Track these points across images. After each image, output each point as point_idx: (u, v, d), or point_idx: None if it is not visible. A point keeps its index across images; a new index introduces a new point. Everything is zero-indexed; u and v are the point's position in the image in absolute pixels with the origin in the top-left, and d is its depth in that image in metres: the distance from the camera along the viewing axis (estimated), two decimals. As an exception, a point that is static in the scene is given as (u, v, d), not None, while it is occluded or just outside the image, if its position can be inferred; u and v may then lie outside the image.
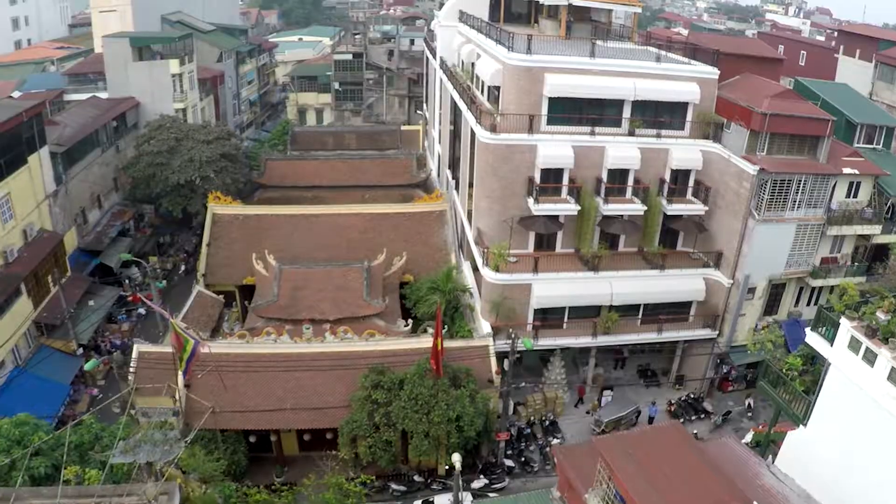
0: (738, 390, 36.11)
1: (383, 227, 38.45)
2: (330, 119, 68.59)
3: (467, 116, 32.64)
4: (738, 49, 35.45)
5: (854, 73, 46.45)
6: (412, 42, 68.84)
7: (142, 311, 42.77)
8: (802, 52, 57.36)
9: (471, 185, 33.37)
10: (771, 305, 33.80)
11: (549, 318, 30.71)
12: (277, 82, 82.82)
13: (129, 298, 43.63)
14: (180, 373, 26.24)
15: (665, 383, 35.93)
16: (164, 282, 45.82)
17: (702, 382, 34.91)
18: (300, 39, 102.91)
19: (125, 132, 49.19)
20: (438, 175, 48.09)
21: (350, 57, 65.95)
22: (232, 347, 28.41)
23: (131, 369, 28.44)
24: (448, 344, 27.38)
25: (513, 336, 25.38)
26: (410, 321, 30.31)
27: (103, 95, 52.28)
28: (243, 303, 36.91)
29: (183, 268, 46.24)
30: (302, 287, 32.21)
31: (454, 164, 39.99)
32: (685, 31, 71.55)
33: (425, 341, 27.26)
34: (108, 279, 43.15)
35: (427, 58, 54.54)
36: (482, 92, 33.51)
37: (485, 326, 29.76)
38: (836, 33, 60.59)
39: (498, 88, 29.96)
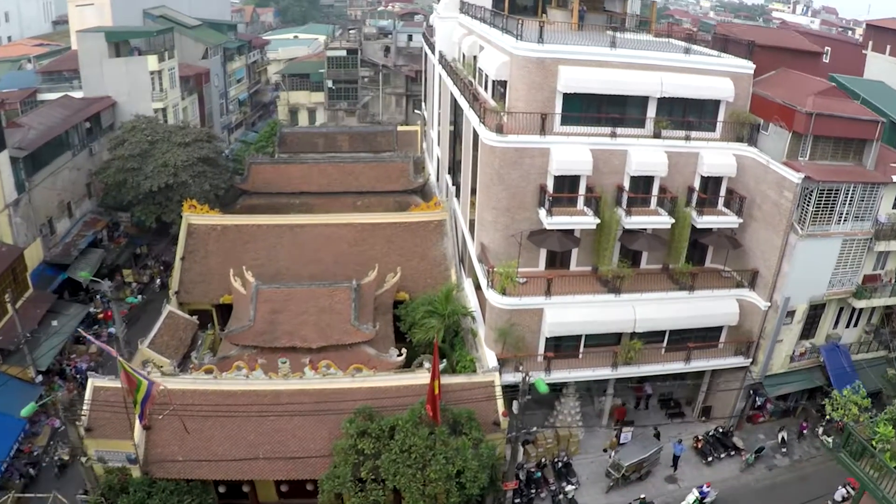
0: (770, 421, 32.45)
1: (376, 239, 34.71)
2: (323, 119, 64.86)
3: (469, 116, 28.89)
4: (774, 41, 31.62)
5: (884, 70, 42.67)
6: (410, 38, 65.08)
7: (112, 329, 39.06)
8: (827, 48, 53.58)
9: (473, 193, 29.60)
10: (808, 329, 30.07)
11: (562, 347, 26.93)
12: (269, 81, 79.07)
13: (101, 316, 40.01)
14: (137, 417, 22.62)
15: (690, 415, 32.17)
16: (140, 297, 42.40)
17: (731, 415, 31.15)
18: (295, 37, 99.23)
19: (100, 134, 45.52)
20: (438, 180, 44.31)
21: (344, 53, 62.19)
22: (198, 384, 24.67)
23: (84, 409, 24.76)
24: (447, 380, 23.62)
25: (523, 375, 21.54)
26: (404, 350, 26.50)
27: (78, 94, 48.71)
28: (221, 324, 33.23)
29: (158, 281, 42.44)
30: (282, 310, 28.43)
31: (455, 169, 36.24)
32: (694, 29, 67.75)
33: (421, 377, 23.50)
34: (82, 295, 39.71)
35: (426, 54, 50.80)
36: (486, 88, 29.74)
37: (489, 357, 25.96)
38: (842, 31, 56.71)
39: (504, 84, 26.22)
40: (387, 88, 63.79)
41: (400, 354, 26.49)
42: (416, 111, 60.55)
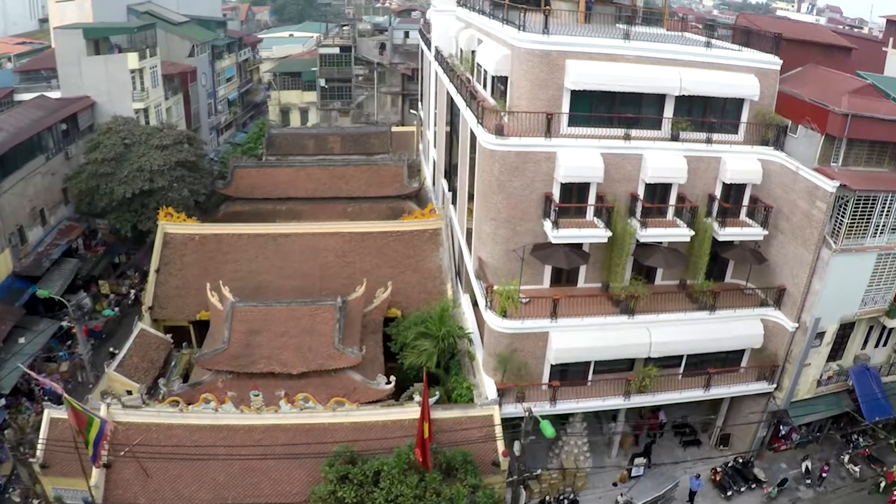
0: (792, 448, 29.82)
1: (365, 250, 32.05)
2: (315, 119, 62.19)
3: (466, 115, 26.22)
4: (800, 34, 28.91)
5: (906, 67, 40.08)
6: (407, 35, 62.36)
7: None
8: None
9: (471, 198, 26.91)
10: (836, 350, 27.45)
11: (569, 374, 24.25)
12: (262, 80, 76.42)
13: (74, 330, 37.34)
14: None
15: (706, 443, 29.51)
16: (116, 309, 39.83)
17: (752, 443, 28.50)
18: (291, 35, 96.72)
19: (77, 136, 42.77)
20: (434, 184, 41.68)
21: (337, 51, 59.45)
22: (161, 417, 22.01)
23: (39, 444, 22.14)
24: (440, 415, 21.00)
25: (526, 415, 18.85)
26: (393, 378, 23.81)
27: (56, 94, 46.12)
28: (199, 342, 30.62)
29: (133, 294, 39.79)
30: (259, 331, 25.77)
31: (451, 173, 33.59)
32: (713, 19, 65.15)
33: (410, 412, 20.87)
34: (59, 309, 37.15)
35: (422, 50, 48.19)
36: (484, 85, 27.09)
37: (488, 385, 23.27)
38: (849, 29, 53.96)
39: (505, 80, 23.56)
40: (382, 87, 61.08)
41: (388, 382, 23.81)
42: (411, 111, 57.88)
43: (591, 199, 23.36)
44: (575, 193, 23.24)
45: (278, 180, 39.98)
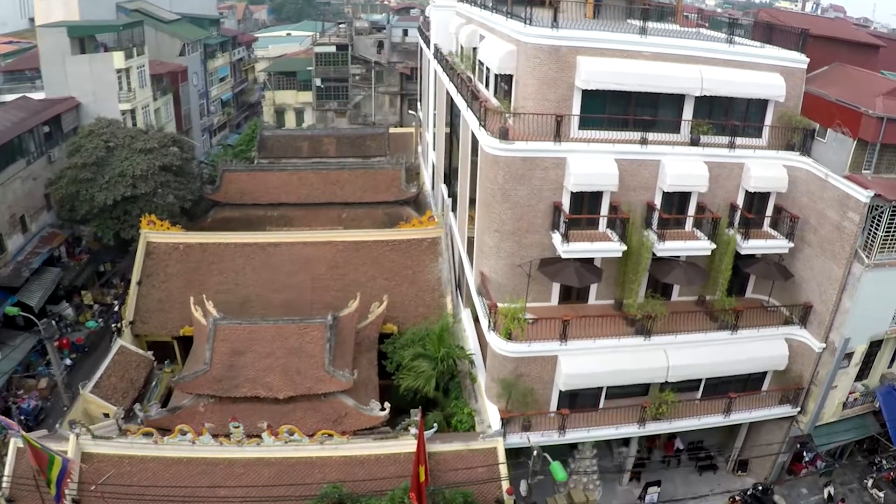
0: (814, 473, 27.93)
1: (360, 260, 30.14)
2: (311, 120, 60.27)
3: (467, 117, 24.27)
4: (826, 30, 26.94)
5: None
6: (406, 33, 60.36)
7: (68, 360, 34.64)
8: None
9: (472, 203, 24.95)
10: (862, 369, 25.52)
11: (579, 400, 22.30)
12: (257, 80, 74.45)
13: (56, 344, 35.44)
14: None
15: (723, 468, 27.57)
16: (100, 321, 37.96)
17: (771, 468, 26.59)
18: (288, 34, 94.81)
19: (61, 139, 40.87)
20: (433, 188, 39.74)
21: (333, 49, 57.49)
22: (135, 449, 20.14)
23: (6, 474, 20.23)
24: (439, 448, 19.09)
25: (535, 452, 16.89)
26: (387, 405, 21.85)
27: (39, 95, 44.24)
28: (184, 359, 28.73)
29: (118, 305, 37.84)
30: (244, 351, 23.82)
31: (451, 178, 31.65)
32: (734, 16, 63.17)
33: (405, 444, 18.97)
34: (45, 320, 35.31)
35: (421, 49, 46.25)
36: (487, 84, 25.16)
37: (491, 413, 21.32)
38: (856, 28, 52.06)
39: (510, 79, 21.60)
40: (380, 87, 59.09)
41: (383, 409, 21.87)
42: (410, 111, 55.94)
43: (605, 209, 21.39)
44: (586, 203, 21.27)
45: (269, 185, 38.02)
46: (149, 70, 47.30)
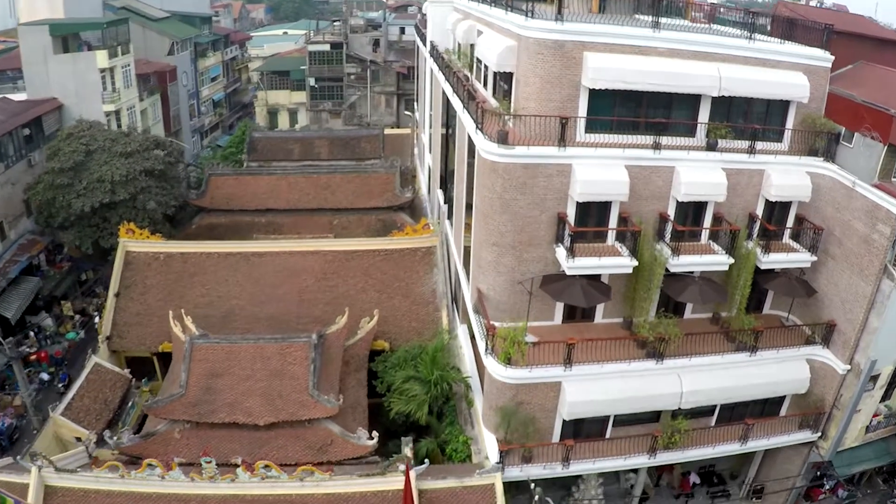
0: (830, 496, 26.20)
1: (349, 271, 28.39)
2: (305, 121, 58.46)
3: (463, 119, 22.45)
4: (850, 26, 25.11)
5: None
6: (403, 31, 58.55)
7: (45, 375, 32.90)
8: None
9: (469, 209, 23.12)
10: (887, 390, 23.70)
11: (584, 429, 20.47)
12: (251, 79, 72.62)
13: (33, 357, 33.74)
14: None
15: (736, 493, 25.81)
16: (81, 332, 36.21)
17: (789, 495, 24.80)
18: (285, 33, 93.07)
19: (42, 141, 39.11)
20: (430, 192, 37.92)
21: (328, 48, 55.62)
22: (101, 483, 18.37)
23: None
24: (432, 484, 17.32)
25: (535, 500, 15.07)
26: (376, 434, 20.05)
27: (21, 96, 42.52)
28: (163, 377, 27.01)
29: (98, 316, 36.03)
30: (222, 372, 22.04)
31: (447, 183, 29.84)
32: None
33: (393, 481, 17.14)
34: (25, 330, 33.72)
35: (418, 47, 44.46)
36: (485, 83, 23.36)
37: (489, 442, 19.50)
38: None
39: (509, 77, 19.78)
40: (376, 87, 57.28)
41: (371, 438, 20.07)
42: (406, 112, 54.14)
43: (614, 220, 19.55)
44: (594, 214, 19.41)
45: (257, 190, 36.24)
46: (134, 69, 45.51)
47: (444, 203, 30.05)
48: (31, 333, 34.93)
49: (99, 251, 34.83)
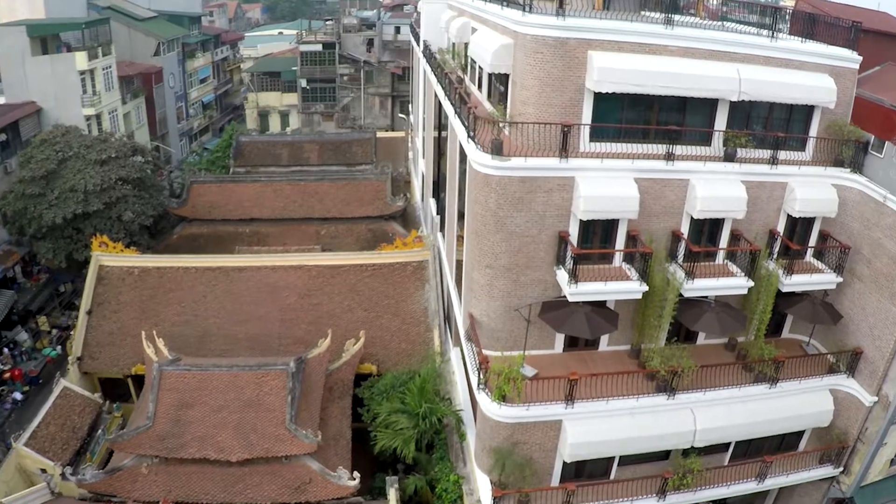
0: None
1: (335, 288, 26.53)
2: (297, 124, 56.56)
3: (454, 125, 20.54)
4: (877, 24, 23.13)
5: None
6: (398, 30, 56.60)
7: (18, 395, 31.10)
8: None
9: (461, 221, 21.24)
10: (907, 417, 21.77)
11: (587, 469, 18.54)
12: (243, 80, 70.72)
13: (7, 375, 31.90)
14: None
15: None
16: (59, 348, 34.38)
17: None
18: (280, 33, 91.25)
19: (19, 147, 37.25)
20: (423, 200, 36.00)
21: (320, 48, 53.74)
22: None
23: None
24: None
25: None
26: (357, 475, 18.16)
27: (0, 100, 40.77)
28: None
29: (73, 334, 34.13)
30: (192, 403, 20.20)
31: (440, 192, 27.94)
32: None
33: (376, 534, 15.24)
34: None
35: (412, 47, 42.52)
36: (480, 86, 21.47)
37: (481, 484, 17.60)
38: None
39: (506, 79, 17.88)
40: (370, 88, 55.37)
41: (353, 478, 18.18)
42: (401, 115, 52.23)
43: (621, 240, 17.62)
44: (599, 233, 17.48)
45: (242, 198, 34.45)
46: (116, 71, 43.65)
47: (437, 214, 28.16)
48: (6, 350, 33.16)
49: (74, 264, 32.98)
